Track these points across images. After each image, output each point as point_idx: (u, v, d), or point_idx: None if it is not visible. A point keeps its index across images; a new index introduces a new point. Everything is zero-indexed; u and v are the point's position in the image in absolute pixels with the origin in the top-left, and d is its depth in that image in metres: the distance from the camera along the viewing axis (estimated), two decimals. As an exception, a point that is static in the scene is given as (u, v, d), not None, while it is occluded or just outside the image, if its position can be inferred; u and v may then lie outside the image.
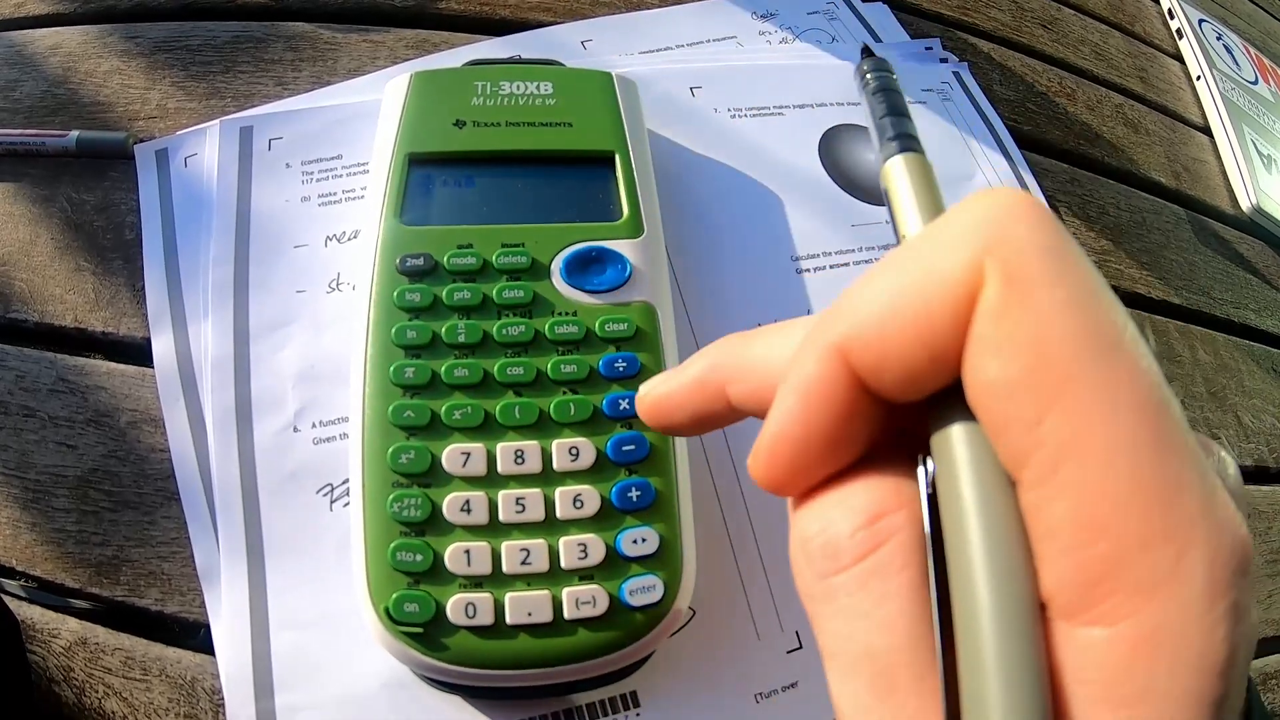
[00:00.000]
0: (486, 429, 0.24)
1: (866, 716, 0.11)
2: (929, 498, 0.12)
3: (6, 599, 0.25)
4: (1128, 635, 0.09)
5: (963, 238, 0.11)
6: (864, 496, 0.12)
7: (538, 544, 0.23)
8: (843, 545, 0.12)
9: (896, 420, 0.13)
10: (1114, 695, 0.09)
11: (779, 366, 0.14)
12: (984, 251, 0.11)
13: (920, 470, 0.12)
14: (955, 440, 0.12)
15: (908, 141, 0.16)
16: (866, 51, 0.19)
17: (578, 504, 0.24)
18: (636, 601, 0.23)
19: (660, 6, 0.42)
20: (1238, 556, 0.10)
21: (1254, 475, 0.39)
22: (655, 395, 0.16)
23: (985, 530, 0.11)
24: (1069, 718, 0.10)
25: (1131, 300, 0.41)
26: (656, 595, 0.23)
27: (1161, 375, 0.11)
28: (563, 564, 0.23)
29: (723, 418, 0.16)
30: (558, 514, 0.23)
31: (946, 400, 0.12)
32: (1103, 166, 0.45)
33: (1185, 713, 0.09)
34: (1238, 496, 0.11)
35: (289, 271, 0.31)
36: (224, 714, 0.24)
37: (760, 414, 0.14)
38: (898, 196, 0.16)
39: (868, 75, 0.18)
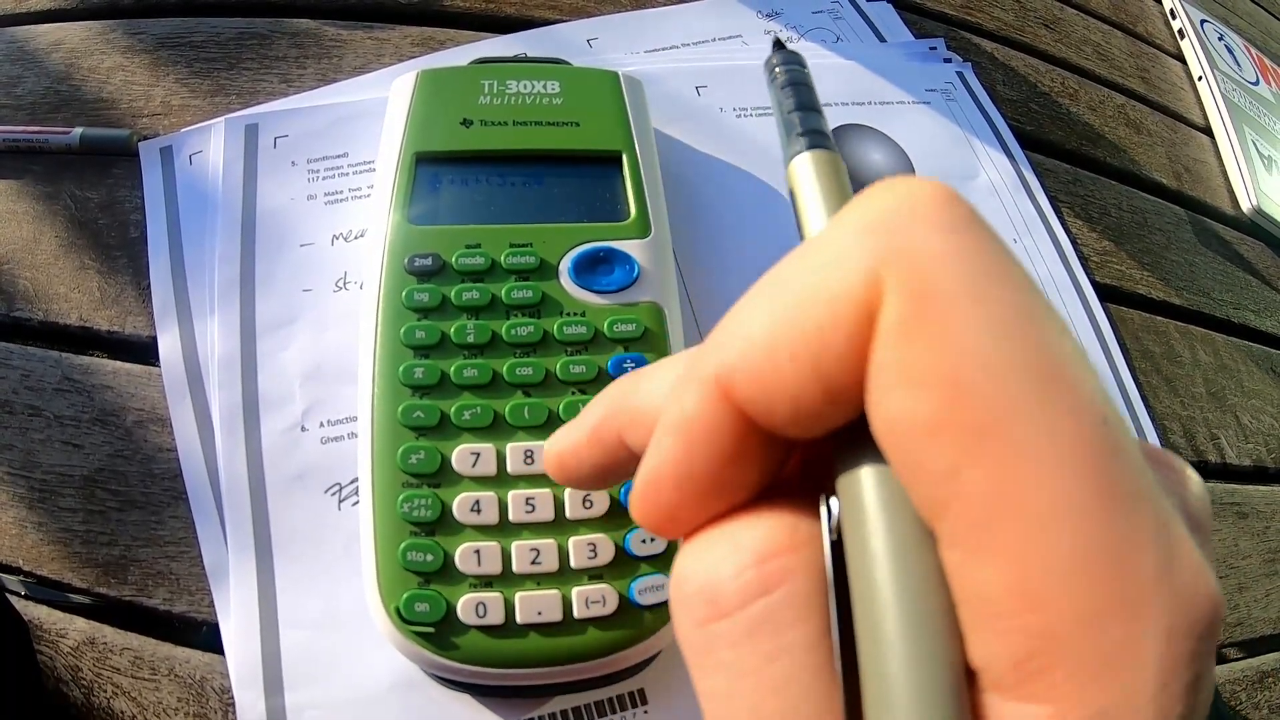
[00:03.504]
0: (496, 429, 0.24)
1: None
2: (833, 544, 0.10)
3: (14, 600, 0.25)
4: (1069, 716, 0.08)
5: (855, 244, 0.10)
6: (752, 533, 0.10)
7: (548, 544, 0.23)
8: (724, 588, 0.10)
9: (799, 449, 0.11)
10: None
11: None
12: (881, 260, 0.09)
13: (823, 509, 0.10)
14: (864, 483, 0.10)
15: (818, 138, 0.14)
16: (779, 44, 0.17)
17: (587, 504, 0.24)
18: (646, 600, 0.23)
19: (666, 5, 0.42)
20: (1203, 623, 0.08)
21: (1253, 475, 0.39)
22: (555, 451, 0.14)
23: (900, 591, 0.09)
24: None
25: (1133, 301, 0.41)
26: (665, 594, 0.23)
27: (1109, 403, 0.09)
28: (572, 563, 0.23)
29: (630, 466, 0.13)
30: (567, 514, 0.24)
31: (854, 432, 0.10)
32: (1105, 167, 0.46)
33: None
34: (1201, 524, 0.10)
35: (295, 270, 0.31)
36: (234, 713, 0.24)
37: None
38: (803, 196, 0.14)
39: (777, 69, 0.16)
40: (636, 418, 0.13)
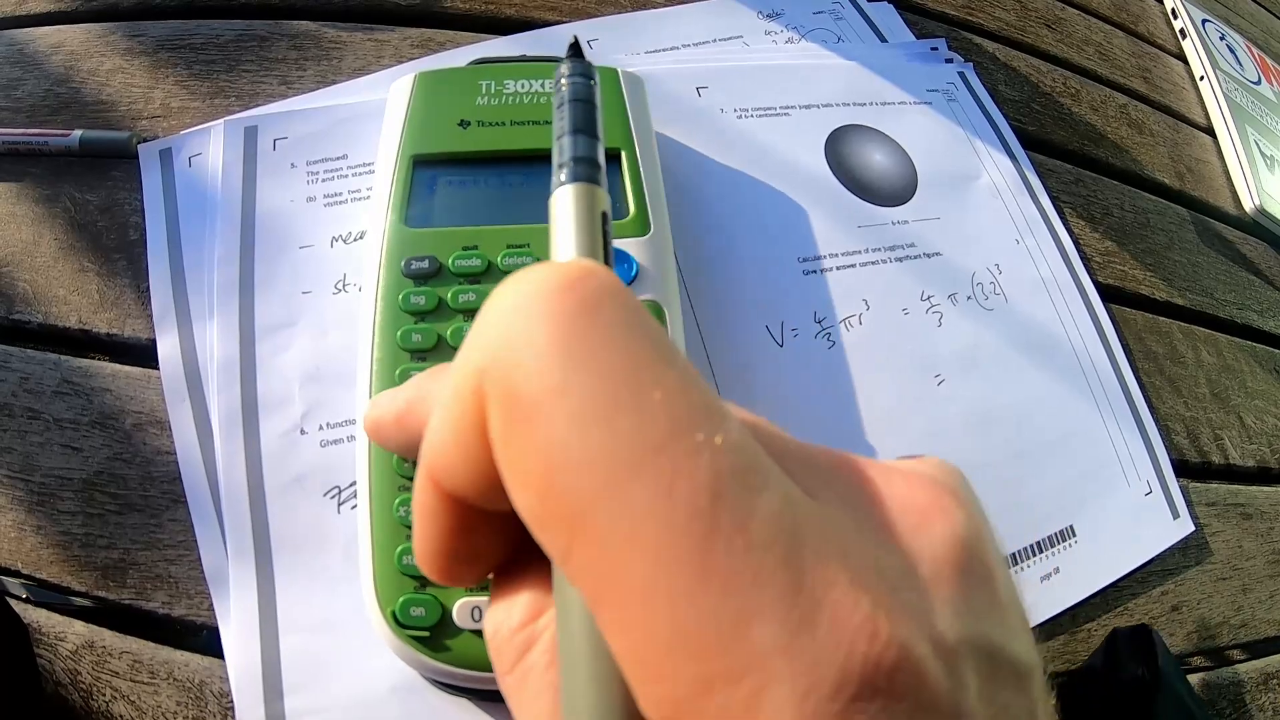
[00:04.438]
0: (495, 432, 0.24)
1: None
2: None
3: (13, 603, 0.25)
4: None
5: (470, 351, 0.10)
6: (526, 596, 0.12)
7: (546, 547, 0.23)
8: (504, 650, 0.12)
9: None
10: None
11: None
12: (483, 369, 0.10)
13: (555, 572, 0.12)
14: None
15: (580, 168, 0.13)
16: (574, 50, 0.15)
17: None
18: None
19: (666, 6, 0.42)
20: (857, 679, 0.08)
21: (1256, 476, 0.39)
22: (371, 418, 0.15)
23: (579, 648, 0.10)
24: None
25: (1136, 301, 0.41)
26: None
27: (734, 472, 0.09)
28: (571, 567, 0.23)
29: None
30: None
31: None
32: (1107, 167, 0.45)
33: None
34: (942, 567, 0.10)
35: (294, 272, 0.31)
36: (233, 717, 0.24)
37: None
38: (553, 238, 0.13)
39: (562, 81, 0.15)
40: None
